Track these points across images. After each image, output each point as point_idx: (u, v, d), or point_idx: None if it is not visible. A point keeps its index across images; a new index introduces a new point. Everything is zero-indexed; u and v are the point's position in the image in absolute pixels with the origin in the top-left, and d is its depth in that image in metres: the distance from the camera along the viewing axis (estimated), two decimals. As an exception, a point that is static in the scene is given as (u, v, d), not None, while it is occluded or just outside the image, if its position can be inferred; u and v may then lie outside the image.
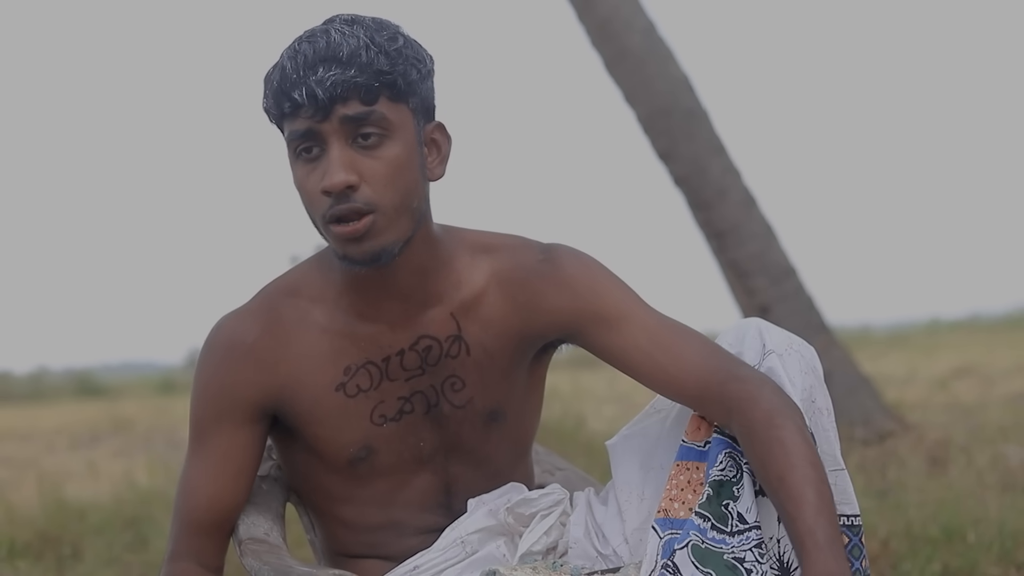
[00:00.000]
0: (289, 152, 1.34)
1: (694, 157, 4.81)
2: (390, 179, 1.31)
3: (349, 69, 1.28)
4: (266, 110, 1.35)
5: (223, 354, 1.42)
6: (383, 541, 1.50)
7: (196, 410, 1.44)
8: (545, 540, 1.46)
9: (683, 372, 1.38)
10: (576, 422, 5.19)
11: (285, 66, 1.31)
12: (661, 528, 1.35)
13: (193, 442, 1.45)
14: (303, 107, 1.29)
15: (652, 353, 1.39)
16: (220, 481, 1.42)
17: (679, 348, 1.39)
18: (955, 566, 2.69)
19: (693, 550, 1.29)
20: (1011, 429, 4.49)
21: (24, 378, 15.38)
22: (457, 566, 1.45)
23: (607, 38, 4.90)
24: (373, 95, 1.30)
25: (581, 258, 1.45)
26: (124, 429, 8.07)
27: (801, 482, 1.24)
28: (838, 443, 1.37)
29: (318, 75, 1.28)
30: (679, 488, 1.36)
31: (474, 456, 1.48)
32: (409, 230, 1.35)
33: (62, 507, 4.18)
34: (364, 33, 1.30)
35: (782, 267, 4.81)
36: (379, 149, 1.31)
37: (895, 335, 12.71)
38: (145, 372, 17.65)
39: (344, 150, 1.30)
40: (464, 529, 1.47)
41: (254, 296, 1.45)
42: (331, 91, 1.28)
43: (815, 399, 1.36)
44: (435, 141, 1.39)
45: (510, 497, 1.49)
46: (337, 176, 1.28)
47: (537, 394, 1.54)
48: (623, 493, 1.48)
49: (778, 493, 1.25)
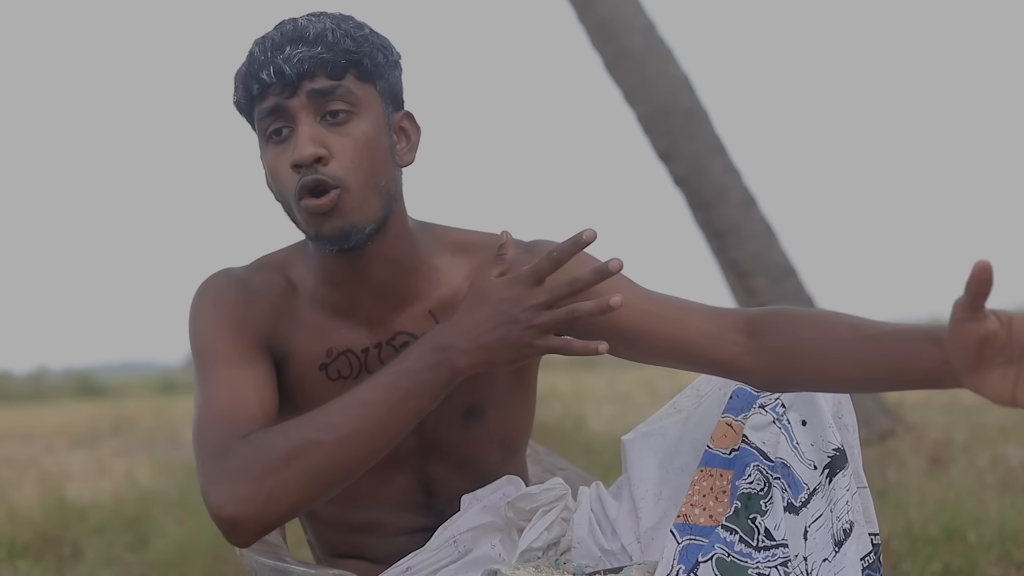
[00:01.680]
0: (260, 139, 1.36)
1: (694, 157, 4.81)
2: (358, 155, 1.32)
3: (316, 47, 1.31)
4: (236, 103, 1.37)
5: (234, 289, 1.41)
6: (366, 542, 1.50)
7: (213, 337, 1.37)
8: (546, 536, 1.45)
9: (690, 315, 1.34)
10: (576, 422, 5.19)
11: (253, 52, 1.33)
12: (680, 533, 1.34)
13: (214, 364, 1.35)
14: (271, 85, 1.31)
15: (650, 309, 1.35)
16: (266, 391, 1.34)
17: (680, 302, 1.36)
18: (955, 566, 2.70)
19: (718, 563, 1.29)
20: (1011, 429, 4.49)
21: (24, 378, 15.40)
22: (451, 567, 1.45)
23: (607, 38, 4.91)
24: (340, 71, 1.32)
25: None
26: (124, 429, 8.08)
27: (872, 321, 1.24)
28: (861, 460, 1.37)
29: (285, 53, 1.31)
30: (701, 494, 1.35)
31: (455, 456, 1.47)
32: (379, 210, 1.34)
33: (62, 507, 4.18)
34: (330, 20, 1.34)
35: (782, 267, 4.81)
36: (347, 125, 1.32)
37: (895, 335, 12.67)
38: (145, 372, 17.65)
39: (313, 125, 1.31)
40: (457, 528, 1.46)
41: (247, 264, 1.46)
42: (298, 67, 1.30)
43: (842, 415, 1.36)
44: (404, 129, 1.40)
45: (506, 492, 1.48)
46: (306, 149, 1.29)
47: (524, 393, 1.52)
48: (639, 490, 1.46)
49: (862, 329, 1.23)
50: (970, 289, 1.07)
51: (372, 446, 1.24)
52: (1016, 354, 1.09)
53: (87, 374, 14.62)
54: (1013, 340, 1.09)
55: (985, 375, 1.11)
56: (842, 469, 1.31)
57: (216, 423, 1.27)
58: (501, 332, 1.24)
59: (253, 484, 1.20)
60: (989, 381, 1.11)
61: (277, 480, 1.20)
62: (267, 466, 1.20)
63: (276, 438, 1.22)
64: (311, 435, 1.22)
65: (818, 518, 1.30)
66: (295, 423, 1.24)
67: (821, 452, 1.31)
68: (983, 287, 1.06)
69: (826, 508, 1.30)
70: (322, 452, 1.22)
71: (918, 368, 1.18)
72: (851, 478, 1.32)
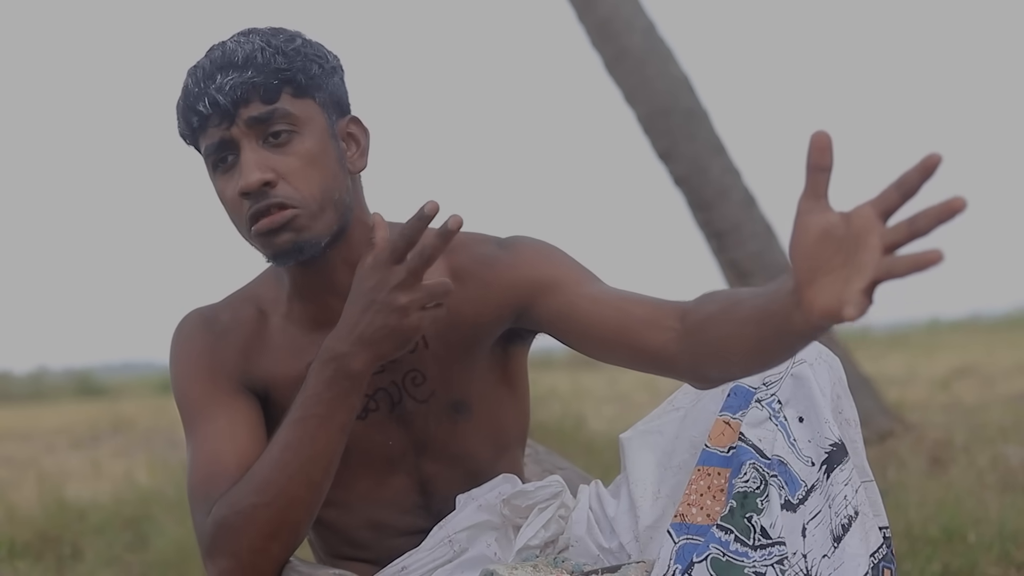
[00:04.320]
0: (208, 169, 1.36)
1: (694, 157, 4.81)
2: (306, 173, 1.32)
3: (246, 71, 1.30)
4: (181, 135, 1.37)
5: (201, 334, 1.43)
6: (366, 543, 1.50)
7: (188, 390, 1.42)
8: (543, 534, 1.45)
9: (632, 303, 1.33)
10: (576, 422, 5.19)
11: (187, 84, 1.33)
12: (676, 533, 1.34)
13: (195, 419, 1.40)
14: (209, 116, 1.31)
15: (601, 300, 1.35)
16: (240, 438, 1.37)
17: (626, 292, 1.36)
18: (955, 566, 2.69)
19: (713, 563, 1.29)
20: (1011, 429, 4.49)
21: (24, 378, 15.37)
22: (446, 566, 1.45)
23: (607, 38, 4.90)
24: (273, 92, 1.31)
25: (537, 242, 1.44)
26: (124, 429, 8.07)
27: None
28: (865, 454, 1.36)
29: (217, 82, 1.30)
30: (698, 493, 1.35)
31: (446, 454, 1.47)
32: (334, 223, 1.34)
33: (62, 507, 4.18)
34: (260, 38, 1.33)
35: (782, 267, 4.81)
36: (290, 145, 1.32)
37: (895, 335, 12.70)
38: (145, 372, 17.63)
39: (256, 151, 1.31)
40: (452, 527, 1.46)
41: (219, 300, 1.47)
42: (231, 95, 1.30)
43: (842, 410, 1.35)
44: (352, 135, 1.40)
45: (502, 490, 1.48)
46: (252, 176, 1.29)
47: (512, 388, 1.52)
48: (637, 488, 1.46)
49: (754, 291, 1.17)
50: (809, 164, 0.96)
51: (314, 482, 1.30)
52: (851, 251, 0.94)
53: (87, 374, 14.59)
54: (851, 233, 0.94)
55: (818, 284, 0.97)
56: (840, 463, 1.30)
57: (197, 488, 1.34)
58: (376, 321, 1.25)
59: (232, 558, 1.29)
60: (821, 290, 0.96)
61: (247, 550, 1.29)
62: (234, 541, 1.28)
63: (229, 512, 1.29)
64: (254, 499, 1.29)
65: (816, 515, 1.29)
66: (239, 489, 1.30)
67: (819, 448, 1.31)
68: (823, 159, 0.96)
69: (824, 504, 1.29)
70: (270, 511, 1.28)
71: (776, 309, 1.06)
72: (852, 471, 1.31)
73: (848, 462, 1.31)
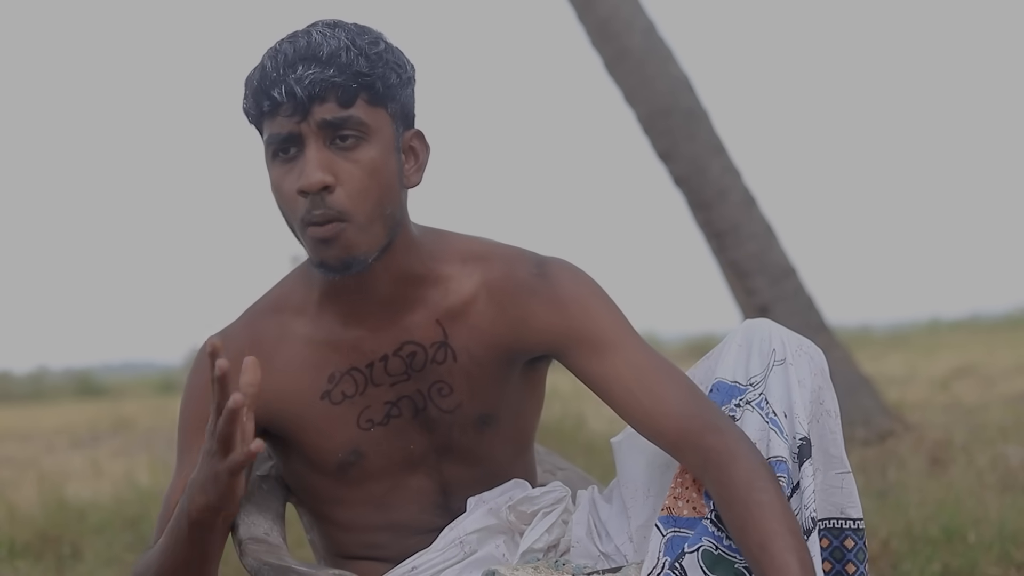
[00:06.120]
0: (266, 154, 1.35)
1: (694, 157, 4.82)
2: (364, 183, 1.31)
3: (328, 68, 1.29)
4: (245, 111, 1.35)
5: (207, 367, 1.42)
6: (381, 542, 1.49)
7: (184, 420, 1.43)
8: (547, 538, 1.46)
9: (662, 414, 1.35)
10: (576, 422, 5.19)
11: (265, 65, 1.31)
12: (664, 526, 1.34)
13: (183, 452, 1.42)
14: (282, 105, 1.29)
15: (633, 389, 1.37)
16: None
17: (661, 388, 1.36)
18: (955, 566, 2.69)
19: (704, 555, 1.29)
20: (1011, 429, 4.49)
21: (24, 378, 15.37)
22: (456, 566, 1.45)
23: (607, 38, 4.91)
24: (351, 96, 1.30)
25: (576, 276, 1.43)
26: (124, 429, 8.07)
27: (784, 550, 1.21)
28: (844, 446, 1.37)
29: (297, 73, 1.28)
30: (684, 486, 1.35)
31: (469, 457, 1.47)
32: (384, 238, 1.34)
33: (62, 507, 4.17)
34: (345, 35, 1.31)
35: (782, 267, 4.81)
36: (356, 151, 1.31)
37: (895, 335, 12.71)
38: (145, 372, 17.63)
39: (321, 150, 1.30)
40: (463, 529, 1.46)
41: (239, 317, 1.46)
42: (310, 89, 1.28)
43: (823, 400, 1.36)
44: (413, 149, 1.39)
45: (512, 495, 1.48)
46: (314, 176, 1.28)
47: (535, 395, 1.53)
48: (628, 490, 1.47)
49: (760, 561, 1.23)
50: None
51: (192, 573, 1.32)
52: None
53: (87, 374, 14.59)
54: None
55: None
56: (808, 458, 1.30)
57: (157, 520, 1.40)
58: (202, 475, 1.22)
59: None
60: None
61: None
62: None
63: (135, 572, 1.37)
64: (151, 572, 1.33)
65: (797, 512, 1.29)
66: (149, 556, 1.35)
67: (793, 443, 1.32)
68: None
69: (800, 501, 1.30)
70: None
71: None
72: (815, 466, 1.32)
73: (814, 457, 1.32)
